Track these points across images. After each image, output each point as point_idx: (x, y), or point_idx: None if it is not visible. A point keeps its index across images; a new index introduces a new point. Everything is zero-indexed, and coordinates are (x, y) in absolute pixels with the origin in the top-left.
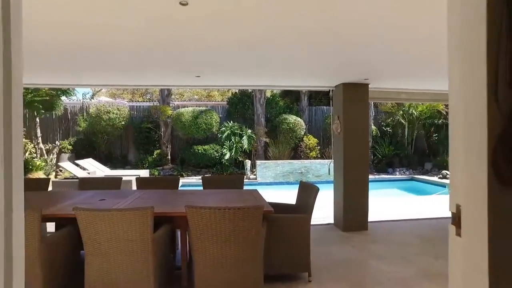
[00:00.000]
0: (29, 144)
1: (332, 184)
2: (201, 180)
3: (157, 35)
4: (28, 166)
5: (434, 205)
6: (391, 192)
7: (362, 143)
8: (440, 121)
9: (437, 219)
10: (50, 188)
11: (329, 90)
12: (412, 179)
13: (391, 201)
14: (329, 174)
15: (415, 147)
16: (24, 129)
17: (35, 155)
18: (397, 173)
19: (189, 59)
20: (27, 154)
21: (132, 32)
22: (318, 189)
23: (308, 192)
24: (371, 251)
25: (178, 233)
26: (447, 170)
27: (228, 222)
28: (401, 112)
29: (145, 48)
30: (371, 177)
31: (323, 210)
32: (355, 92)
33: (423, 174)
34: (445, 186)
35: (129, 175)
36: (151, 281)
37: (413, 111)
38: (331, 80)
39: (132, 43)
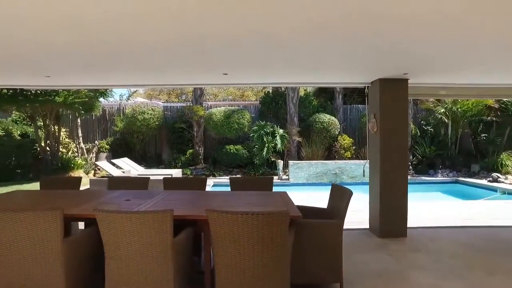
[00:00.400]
0: (71, 143)
1: (366, 185)
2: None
3: (182, 30)
4: (70, 165)
5: (483, 211)
6: (432, 196)
7: (400, 142)
8: (489, 118)
9: (487, 228)
10: (88, 186)
11: (365, 86)
12: (456, 182)
13: (432, 206)
14: (363, 175)
15: (460, 147)
16: (67, 129)
17: (76, 154)
18: (439, 175)
19: (215, 55)
20: (69, 153)
21: (158, 28)
22: (351, 193)
23: (340, 195)
24: (411, 261)
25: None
26: (499, 172)
27: (251, 228)
28: (443, 109)
29: (171, 45)
30: (410, 179)
31: (358, 213)
32: (393, 88)
33: (469, 176)
34: (496, 191)
35: (162, 174)
36: (171, 287)
37: (458, 108)
38: (366, 76)
39: (158, 40)
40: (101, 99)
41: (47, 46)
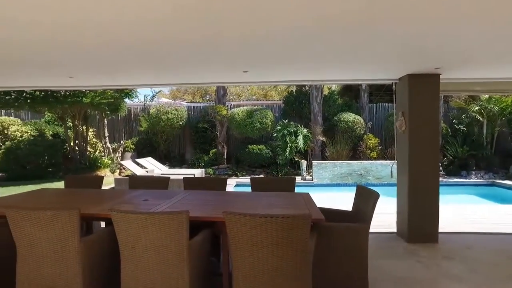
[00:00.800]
0: (98, 143)
1: (393, 186)
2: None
3: (200, 29)
4: (97, 164)
5: None
6: (465, 199)
7: (431, 142)
8: None
9: None
10: (113, 185)
11: (392, 83)
12: (493, 184)
13: (466, 209)
14: (391, 176)
15: (497, 147)
16: (95, 129)
17: (103, 153)
18: (473, 176)
19: (236, 52)
20: (97, 152)
21: (177, 29)
22: (378, 196)
23: (366, 198)
24: (443, 270)
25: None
26: None
27: (270, 232)
28: (478, 107)
29: (191, 44)
30: (440, 180)
31: (384, 216)
32: (423, 84)
33: (507, 178)
34: None
35: (185, 174)
36: None
37: (493, 106)
38: (394, 71)
39: (178, 39)
40: (126, 100)
41: (70, 48)
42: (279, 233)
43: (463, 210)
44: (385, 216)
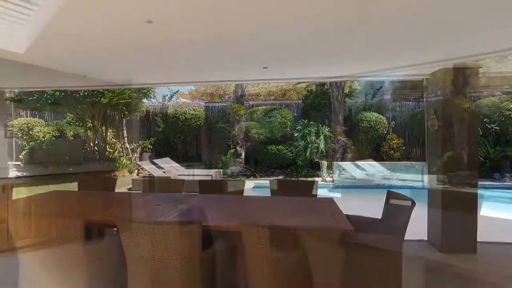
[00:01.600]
0: (117, 144)
1: (420, 189)
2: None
3: (217, 28)
4: (115, 164)
5: None
6: (499, 204)
7: (468, 141)
8: None
9: None
10: (130, 186)
11: (423, 79)
12: None
13: (502, 216)
14: (422, 179)
15: None
16: (114, 130)
17: (122, 153)
18: (508, 179)
19: (255, 48)
20: (116, 153)
21: (197, 26)
22: (413, 203)
23: (399, 206)
24: (485, 285)
25: None
26: None
27: (292, 246)
28: None
29: (209, 42)
30: None
31: (412, 222)
32: (459, 79)
33: None
34: None
35: (202, 174)
36: None
37: None
38: (425, 66)
39: (196, 38)
40: (144, 100)
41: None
42: (304, 247)
43: (498, 216)
44: (413, 222)
